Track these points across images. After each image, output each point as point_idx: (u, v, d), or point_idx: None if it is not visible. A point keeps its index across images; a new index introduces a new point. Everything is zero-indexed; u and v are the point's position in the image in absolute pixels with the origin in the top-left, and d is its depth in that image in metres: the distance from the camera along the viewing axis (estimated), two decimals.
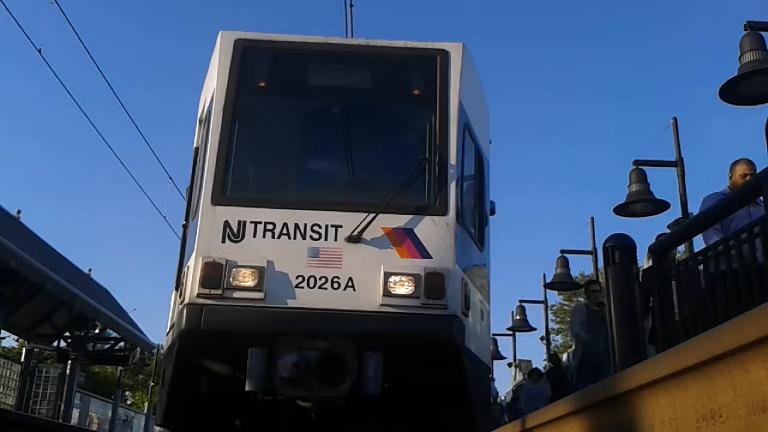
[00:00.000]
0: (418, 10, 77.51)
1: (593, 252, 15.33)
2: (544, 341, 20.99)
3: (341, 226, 5.69)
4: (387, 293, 5.50)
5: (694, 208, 9.29)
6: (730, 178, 6.69)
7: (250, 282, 5.50)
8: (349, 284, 5.53)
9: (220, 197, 5.87)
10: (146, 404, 32.64)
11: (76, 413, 21.41)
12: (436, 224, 5.78)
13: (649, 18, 69.33)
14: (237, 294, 5.48)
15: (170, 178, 17.81)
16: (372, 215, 5.67)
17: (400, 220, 5.76)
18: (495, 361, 19.35)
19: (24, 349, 20.52)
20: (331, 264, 5.59)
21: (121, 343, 21.41)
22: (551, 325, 35.74)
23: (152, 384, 28.93)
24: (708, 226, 5.23)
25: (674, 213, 10.46)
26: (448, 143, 6.10)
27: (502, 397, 20.15)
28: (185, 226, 6.71)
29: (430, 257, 5.66)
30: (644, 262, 7.45)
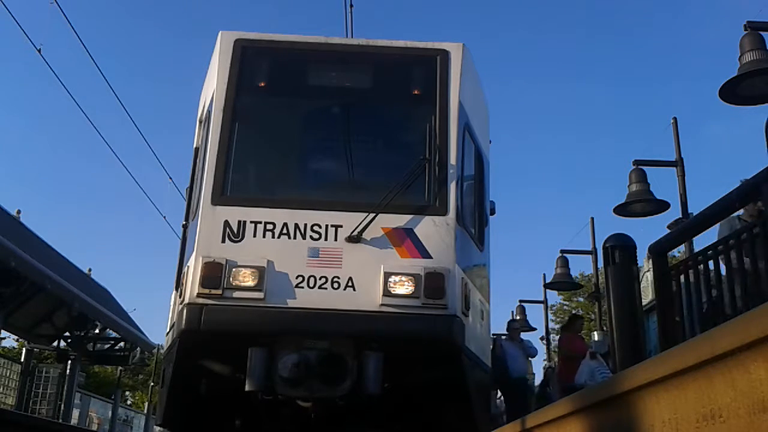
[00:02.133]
0: (418, 10, 77.55)
1: (593, 252, 15.32)
2: (544, 341, 20.99)
3: (341, 226, 5.69)
4: (387, 293, 5.50)
5: (695, 208, 9.28)
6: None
7: (250, 282, 5.50)
8: (349, 284, 5.53)
9: (220, 197, 5.87)
10: (146, 404, 32.63)
11: (76, 413, 21.40)
12: (436, 224, 5.78)
13: (650, 18, 69.34)
14: (237, 294, 5.48)
15: (170, 178, 17.79)
16: (372, 215, 5.67)
17: (400, 220, 5.76)
18: None
19: (24, 349, 20.52)
20: (331, 264, 5.59)
21: (121, 343, 21.39)
22: (551, 325, 35.73)
23: (152, 384, 28.93)
24: (708, 226, 5.23)
25: (674, 213, 10.45)
26: (448, 143, 6.10)
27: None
28: (185, 226, 6.71)
29: (430, 257, 5.66)
30: (644, 262, 7.45)
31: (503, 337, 12.05)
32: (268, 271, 5.52)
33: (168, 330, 6.49)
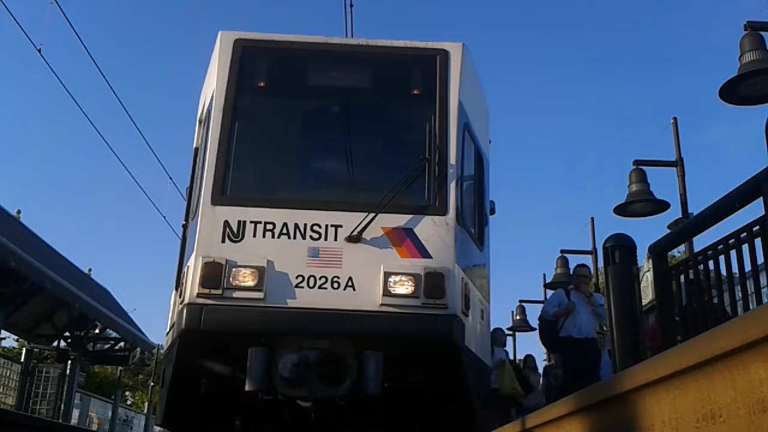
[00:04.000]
0: (418, 10, 77.54)
1: (593, 252, 15.31)
2: None
3: (341, 226, 5.69)
4: (387, 293, 5.50)
5: (695, 208, 9.28)
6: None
7: (250, 282, 5.49)
8: (349, 284, 5.53)
9: (219, 197, 5.87)
10: (146, 404, 32.64)
11: (76, 413, 21.40)
12: (436, 224, 5.78)
13: (650, 18, 69.33)
14: (237, 294, 5.48)
15: (170, 178, 17.82)
16: (372, 215, 5.67)
17: (400, 220, 5.75)
18: None
19: (24, 349, 20.52)
20: (331, 264, 5.59)
21: (121, 343, 21.40)
22: None
23: (152, 384, 28.93)
24: (708, 226, 5.22)
25: (674, 213, 10.45)
26: (447, 143, 6.10)
27: None
28: (185, 226, 6.70)
29: (430, 257, 5.66)
30: (644, 262, 7.45)
31: (569, 287, 10.01)
32: (268, 271, 5.52)
33: (168, 330, 6.49)
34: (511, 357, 22.92)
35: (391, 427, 6.67)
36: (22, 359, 19.66)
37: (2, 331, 18.60)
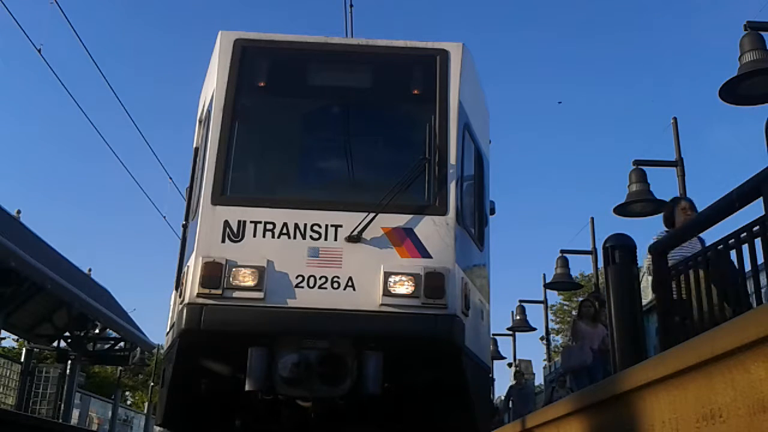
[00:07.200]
0: (418, 10, 77.58)
1: (593, 252, 15.32)
2: (544, 341, 21.02)
3: (341, 226, 5.69)
4: (387, 293, 5.49)
5: None
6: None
7: (250, 282, 5.49)
8: (349, 284, 5.53)
9: (219, 197, 5.86)
10: (146, 404, 32.64)
11: (76, 413, 21.40)
12: (436, 224, 5.77)
13: (651, 18, 69.35)
14: (237, 294, 5.48)
15: (170, 178, 17.84)
16: (372, 215, 5.67)
17: (400, 220, 5.75)
18: (495, 361, 19.32)
19: (24, 349, 20.52)
20: (331, 264, 5.59)
21: (121, 343, 21.42)
22: (551, 325, 35.70)
23: (152, 384, 28.94)
24: (708, 226, 5.22)
25: None
26: (447, 143, 6.09)
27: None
28: (185, 226, 6.70)
29: (430, 257, 5.66)
30: (644, 262, 7.45)
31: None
32: (268, 271, 5.51)
33: (168, 330, 6.49)
34: (511, 358, 22.86)
35: (391, 428, 6.67)
36: (22, 359, 19.67)
37: (2, 331, 18.60)
